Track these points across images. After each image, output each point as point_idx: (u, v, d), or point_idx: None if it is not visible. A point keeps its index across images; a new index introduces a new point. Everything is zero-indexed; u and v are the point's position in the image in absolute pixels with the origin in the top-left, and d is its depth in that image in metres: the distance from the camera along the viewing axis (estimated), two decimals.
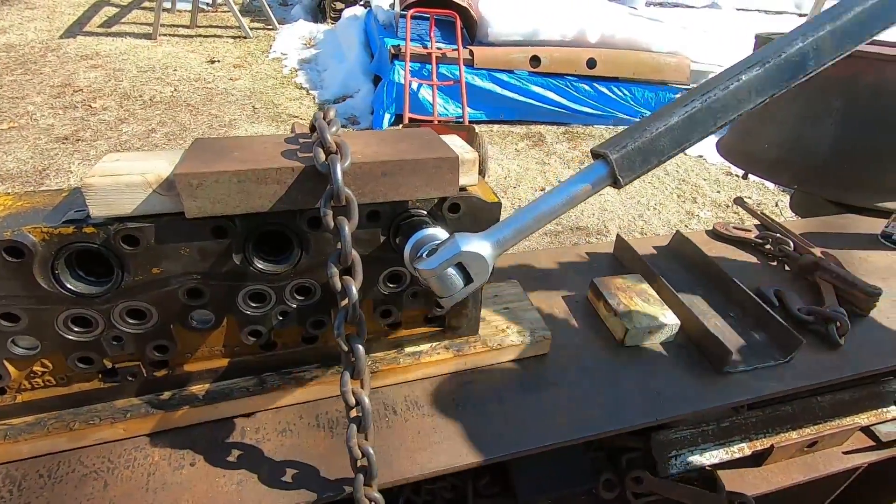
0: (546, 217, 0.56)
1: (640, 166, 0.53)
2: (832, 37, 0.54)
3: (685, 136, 0.52)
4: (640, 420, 0.78)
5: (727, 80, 0.53)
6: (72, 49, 5.81)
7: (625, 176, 0.53)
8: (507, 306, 0.90)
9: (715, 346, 0.86)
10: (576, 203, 0.56)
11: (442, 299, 0.56)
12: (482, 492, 1.06)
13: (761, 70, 0.53)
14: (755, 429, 1.11)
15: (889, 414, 1.21)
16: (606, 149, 0.52)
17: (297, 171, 0.57)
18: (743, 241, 1.22)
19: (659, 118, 0.53)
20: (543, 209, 0.55)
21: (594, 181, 0.54)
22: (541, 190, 3.91)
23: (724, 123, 0.54)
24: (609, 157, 0.52)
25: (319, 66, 6.01)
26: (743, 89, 0.53)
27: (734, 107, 0.53)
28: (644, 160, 0.52)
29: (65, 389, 0.65)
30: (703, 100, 0.53)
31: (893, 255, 1.23)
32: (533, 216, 0.55)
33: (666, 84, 5.28)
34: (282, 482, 0.65)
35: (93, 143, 3.95)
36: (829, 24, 0.54)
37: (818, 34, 0.54)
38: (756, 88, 0.54)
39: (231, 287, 0.64)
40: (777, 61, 0.53)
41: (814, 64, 0.54)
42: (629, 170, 0.52)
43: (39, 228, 0.54)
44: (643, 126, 0.53)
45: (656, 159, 0.53)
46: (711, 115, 0.52)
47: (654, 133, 0.52)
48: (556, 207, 0.55)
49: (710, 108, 0.52)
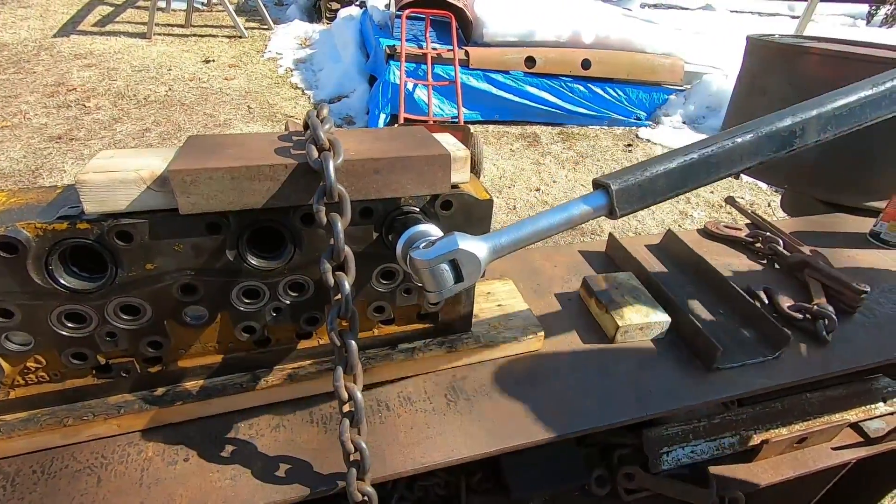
0: (543, 233, 0.57)
1: (636, 202, 0.56)
2: (817, 122, 0.60)
3: (681, 183, 0.56)
4: (630, 415, 0.78)
5: (724, 139, 0.58)
6: (65, 48, 5.78)
7: (621, 208, 0.56)
8: (500, 303, 0.91)
9: (704, 342, 0.88)
10: (572, 225, 0.58)
11: (430, 293, 0.56)
12: (475, 488, 1.07)
13: (753, 137, 0.58)
14: (745, 425, 1.13)
15: (877, 410, 1.23)
16: (609, 180, 0.55)
17: (290, 167, 0.57)
18: (734, 240, 1.23)
19: (660, 161, 0.56)
20: (541, 225, 0.57)
21: (593, 208, 0.57)
22: (536, 190, 3.92)
23: (715, 178, 0.58)
24: (610, 189, 0.55)
25: (315, 66, 6.01)
26: (736, 151, 0.58)
27: (727, 165, 0.58)
28: (641, 197, 0.55)
29: (58, 385, 0.66)
30: (700, 153, 0.57)
31: (881, 253, 1.25)
32: (531, 230, 0.57)
33: (660, 85, 5.32)
34: (275, 477, 0.65)
35: (87, 142, 3.93)
36: (815, 110, 0.60)
37: (805, 117, 0.59)
38: (747, 153, 0.58)
39: (225, 283, 0.64)
40: (768, 133, 0.58)
41: (798, 142, 0.60)
42: (626, 203, 0.55)
43: (34, 224, 0.54)
44: (645, 166, 0.56)
45: (652, 199, 0.56)
46: (706, 168, 0.56)
47: (654, 174, 0.55)
48: (553, 225, 0.57)
49: (706, 161, 0.56)
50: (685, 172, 0.56)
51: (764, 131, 0.58)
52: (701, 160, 0.56)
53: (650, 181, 0.55)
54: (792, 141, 0.59)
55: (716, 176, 0.57)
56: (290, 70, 5.94)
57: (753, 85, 1.65)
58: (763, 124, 0.58)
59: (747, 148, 0.57)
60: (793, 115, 0.59)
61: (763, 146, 0.58)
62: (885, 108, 0.62)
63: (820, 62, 1.41)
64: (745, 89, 1.69)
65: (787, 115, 0.60)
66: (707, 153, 0.56)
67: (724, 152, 0.57)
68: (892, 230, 1.27)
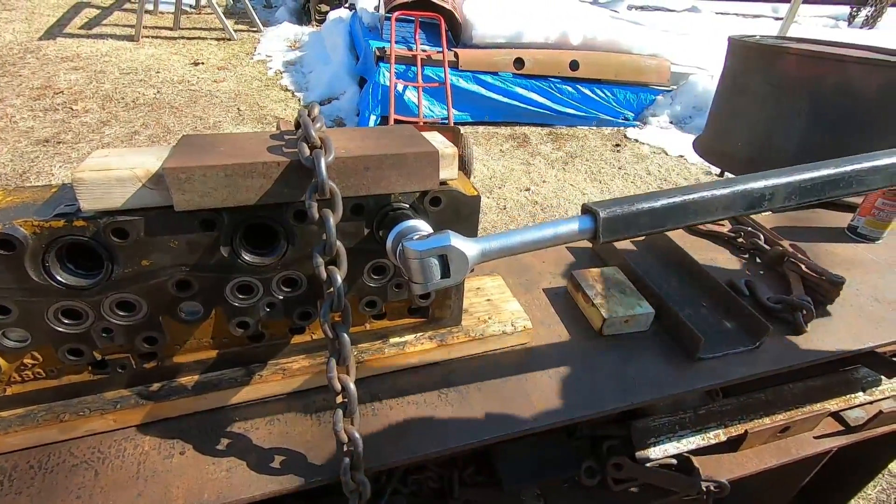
0: (530, 245, 0.60)
1: (619, 232, 0.60)
2: (785, 190, 0.65)
3: (662, 222, 0.60)
4: (616, 404, 0.81)
5: (705, 190, 0.62)
6: (52, 51, 5.72)
7: (605, 235, 0.59)
8: (489, 298, 0.93)
9: (688, 334, 0.90)
10: (558, 243, 0.61)
11: (416, 285, 0.58)
12: (467, 481, 1.09)
13: (729, 193, 0.63)
14: (730, 416, 1.16)
15: (857, 400, 1.27)
16: (598, 208, 0.59)
17: (282, 165, 0.59)
18: (716, 235, 1.27)
19: (648, 199, 0.60)
20: (530, 237, 0.60)
21: (580, 230, 0.60)
22: (526, 190, 3.95)
23: (692, 223, 0.63)
24: (598, 216, 0.58)
25: (304, 68, 6.00)
26: (712, 203, 0.63)
27: (703, 213, 0.62)
28: (625, 228, 0.59)
29: (55, 381, 0.67)
30: (682, 199, 0.61)
31: (858, 247, 1.29)
32: (519, 240, 0.60)
33: (647, 86, 5.38)
34: (270, 468, 0.67)
35: (74, 145, 3.90)
36: (785, 178, 0.65)
37: (776, 183, 0.64)
38: (722, 205, 0.63)
39: (219, 279, 0.66)
40: (742, 191, 0.63)
41: (767, 204, 0.65)
42: (610, 232, 0.59)
43: (30, 222, 0.55)
44: (634, 201, 0.60)
45: (633, 232, 0.60)
46: (685, 212, 0.61)
47: (639, 210, 0.59)
48: (541, 239, 0.60)
49: (685, 206, 0.60)
50: (666, 213, 0.60)
51: (739, 190, 0.63)
52: (681, 205, 0.60)
53: (635, 215, 0.59)
54: (761, 203, 0.64)
55: (693, 220, 0.62)
56: (280, 72, 5.93)
57: (735, 84, 1.69)
58: (739, 183, 0.63)
59: (722, 202, 0.62)
60: (766, 179, 0.65)
61: (736, 203, 0.63)
62: (842, 189, 0.68)
63: (797, 62, 1.45)
64: (728, 89, 1.74)
65: (761, 179, 0.65)
66: (688, 199, 0.60)
67: (703, 201, 0.61)
68: (869, 225, 1.31)
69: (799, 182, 0.65)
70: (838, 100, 1.42)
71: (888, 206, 1.27)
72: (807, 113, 1.47)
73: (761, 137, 1.60)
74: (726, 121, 1.76)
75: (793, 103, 1.49)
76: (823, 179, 0.66)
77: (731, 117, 1.74)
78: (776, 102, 1.54)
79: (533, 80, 4.93)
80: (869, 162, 0.69)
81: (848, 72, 1.36)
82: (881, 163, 0.69)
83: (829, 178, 0.67)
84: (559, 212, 3.69)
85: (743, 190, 0.62)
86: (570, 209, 3.74)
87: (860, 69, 1.38)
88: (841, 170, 0.68)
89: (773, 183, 0.65)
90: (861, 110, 1.41)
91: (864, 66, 1.38)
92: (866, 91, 1.39)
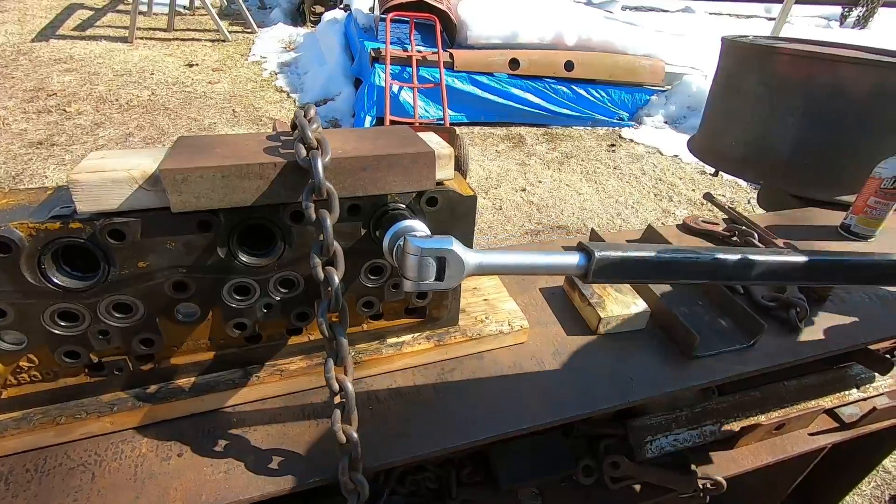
0: (523, 269, 0.62)
1: (610, 275, 0.62)
2: (759, 269, 0.68)
3: (648, 274, 0.63)
4: (612, 403, 0.81)
5: (687, 253, 0.65)
6: (44, 52, 5.69)
7: (595, 276, 0.61)
8: (486, 298, 0.94)
9: (683, 332, 0.91)
10: (550, 272, 0.63)
11: (408, 281, 0.58)
12: (465, 481, 1.09)
13: (699, 261, 0.66)
14: (726, 413, 1.16)
15: (851, 396, 1.28)
16: (594, 248, 0.60)
17: (279, 166, 0.59)
18: (711, 234, 1.28)
19: (642, 249, 0.63)
20: (525, 261, 0.61)
21: (573, 265, 0.62)
22: (522, 190, 3.96)
23: (674, 281, 0.65)
24: (593, 257, 0.60)
25: (300, 70, 6.00)
26: (692, 265, 0.65)
27: (683, 274, 0.65)
28: (615, 273, 0.61)
29: (51, 384, 0.66)
30: (671, 256, 0.64)
31: (851, 245, 1.30)
32: (515, 261, 0.61)
33: (642, 86, 5.41)
34: (268, 469, 0.67)
35: (68, 147, 3.88)
36: (764, 257, 0.68)
37: (731, 259, 0.67)
38: (703, 271, 0.66)
39: (216, 280, 0.66)
40: (723, 261, 0.66)
41: (743, 280, 0.69)
42: (600, 274, 0.61)
43: (26, 224, 0.55)
44: (630, 248, 0.63)
45: (621, 278, 0.63)
46: (669, 269, 0.64)
47: (632, 258, 0.61)
48: (534, 265, 0.61)
49: (668, 263, 0.63)
50: (653, 266, 0.62)
51: (720, 259, 0.66)
52: (666, 261, 0.63)
53: (626, 262, 0.61)
54: (740, 276, 0.67)
55: (674, 279, 0.65)
56: (275, 73, 5.92)
57: (729, 85, 1.70)
58: (710, 257, 0.66)
59: (704, 268, 0.65)
60: (742, 255, 0.68)
61: (717, 271, 0.65)
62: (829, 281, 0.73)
63: (790, 62, 1.46)
64: (722, 89, 1.75)
65: (739, 254, 0.68)
66: (676, 258, 0.63)
67: (685, 262, 0.64)
68: (862, 223, 1.32)
69: (777, 265, 0.68)
70: (831, 99, 1.44)
71: (880, 205, 1.28)
72: (800, 112, 1.48)
73: (755, 137, 1.61)
74: (720, 120, 1.77)
75: (786, 103, 1.50)
76: (813, 266, 0.69)
77: (724, 117, 1.75)
78: (770, 102, 1.55)
79: (528, 81, 4.94)
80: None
81: (840, 72, 1.37)
82: None
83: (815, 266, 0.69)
84: (555, 212, 3.71)
85: (724, 260, 0.65)
86: (566, 209, 3.75)
87: (853, 69, 1.39)
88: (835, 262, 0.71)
89: (750, 259, 0.67)
90: (853, 110, 1.43)
91: (856, 66, 1.39)
92: (859, 91, 1.40)
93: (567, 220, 3.62)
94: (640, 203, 3.94)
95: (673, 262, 0.63)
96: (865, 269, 0.72)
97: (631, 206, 3.90)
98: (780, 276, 0.68)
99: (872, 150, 1.37)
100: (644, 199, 4.02)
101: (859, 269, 0.72)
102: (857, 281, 0.74)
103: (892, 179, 1.24)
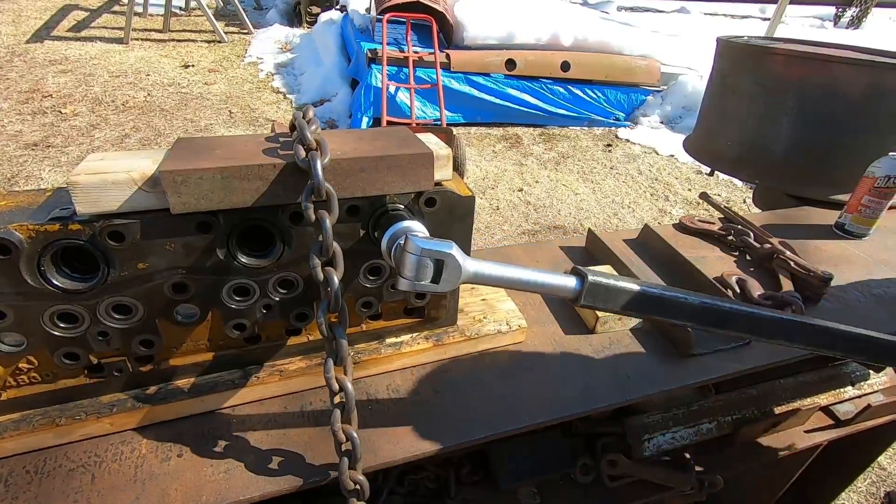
0: (518, 283, 0.62)
1: (600, 302, 0.63)
2: (747, 319, 0.69)
3: (637, 307, 0.64)
4: (609, 401, 0.82)
5: (676, 293, 0.66)
6: (39, 54, 5.67)
7: (586, 301, 0.62)
8: (484, 298, 0.94)
9: (680, 331, 0.92)
10: (544, 291, 0.64)
11: (404, 279, 0.58)
12: (464, 480, 1.10)
13: (698, 304, 0.66)
14: (722, 411, 1.17)
15: (846, 394, 1.29)
16: (588, 273, 0.62)
17: (278, 167, 0.59)
18: (707, 233, 1.28)
19: (636, 283, 0.64)
20: (523, 276, 0.62)
21: (566, 287, 0.63)
22: (519, 191, 3.97)
23: (660, 318, 0.66)
24: (586, 281, 0.61)
25: (296, 70, 5.99)
26: (678, 306, 0.66)
27: (671, 313, 0.65)
28: (604, 300, 0.63)
29: (50, 386, 0.66)
30: (660, 294, 0.65)
31: (845, 243, 1.32)
32: (511, 274, 0.62)
33: (638, 86, 5.43)
34: (269, 469, 0.67)
35: (64, 149, 3.87)
36: (746, 309, 0.69)
37: (718, 306, 0.67)
38: (688, 313, 0.66)
39: (215, 281, 0.66)
40: (709, 307, 0.66)
41: (725, 328, 0.68)
42: (591, 298, 0.62)
43: (26, 226, 0.55)
44: (624, 280, 0.64)
45: (612, 306, 0.63)
46: (657, 305, 0.65)
47: (624, 290, 0.63)
48: (530, 282, 0.62)
49: (658, 299, 0.64)
50: (642, 301, 0.64)
51: (708, 304, 0.66)
52: (655, 297, 0.64)
53: (618, 292, 0.62)
54: (723, 324, 0.67)
55: (661, 316, 0.66)
56: (272, 74, 5.91)
57: (725, 85, 1.71)
58: (698, 301, 0.66)
59: (689, 310, 0.66)
60: (731, 304, 0.68)
61: (703, 316, 0.66)
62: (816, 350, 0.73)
63: (785, 62, 1.48)
64: (717, 89, 1.76)
65: (727, 304, 0.68)
66: (663, 295, 0.64)
67: (674, 303, 0.65)
68: (856, 221, 1.33)
69: (764, 321, 0.69)
70: (825, 99, 1.45)
71: (874, 203, 1.29)
72: (794, 112, 1.49)
73: (750, 137, 1.62)
74: (716, 120, 1.78)
75: (781, 103, 1.51)
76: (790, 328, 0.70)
77: (720, 117, 1.76)
78: (764, 102, 1.56)
79: (524, 81, 4.95)
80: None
81: (834, 72, 1.39)
82: None
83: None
84: (552, 212, 3.72)
85: (711, 305, 0.66)
86: (563, 209, 3.76)
87: (846, 69, 1.40)
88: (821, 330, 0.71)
89: (733, 309, 0.68)
90: (847, 110, 1.44)
91: (850, 67, 1.40)
92: (853, 91, 1.42)
93: (564, 221, 3.63)
94: (636, 203, 3.96)
95: (653, 297, 0.64)
96: (858, 341, 0.73)
97: (627, 205, 3.91)
98: (763, 334, 0.69)
99: (866, 149, 1.38)
100: (640, 198, 4.03)
101: (853, 341, 0.73)
102: (839, 350, 0.74)
103: (885, 179, 1.25)
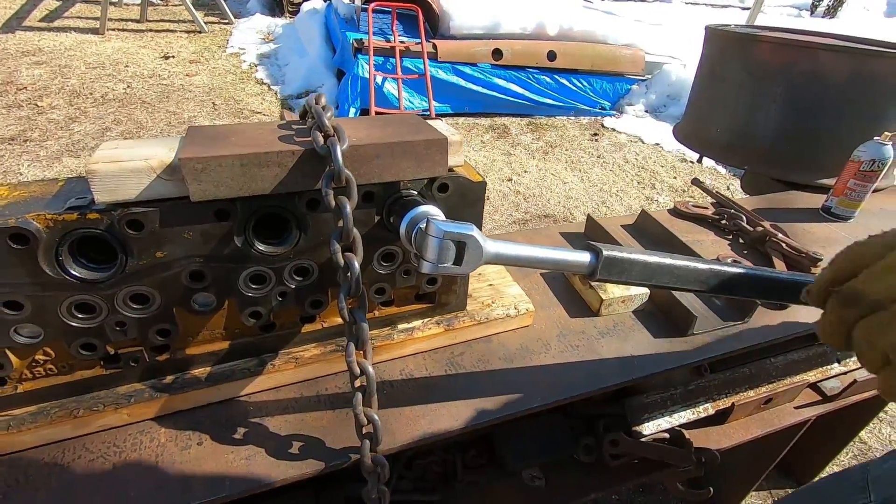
0: (536, 262, 0.64)
1: (615, 274, 0.66)
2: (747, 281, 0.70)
3: (650, 275, 0.67)
4: (616, 380, 0.84)
5: (686, 261, 0.68)
6: (11, 45, 5.48)
7: (601, 274, 0.65)
8: (491, 283, 0.96)
9: (681, 311, 0.95)
10: (560, 268, 0.66)
11: (426, 262, 0.59)
12: (470, 464, 1.12)
13: (706, 269, 0.68)
14: (717, 390, 1.21)
15: (832, 371, 1.34)
16: (603, 248, 0.65)
17: (297, 154, 0.60)
18: (701, 218, 1.32)
19: (646, 254, 0.67)
20: (539, 255, 0.64)
21: (582, 263, 0.65)
22: (508, 180, 3.99)
23: (671, 287, 0.69)
24: (601, 255, 0.64)
25: (280, 61, 5.89)
26: (691, 273, 0.68)
27: (682, 279, 0.68)
28: (619, 272, 0.66)
29: (67, 377, 0.66)
30: (670, 262, 0.68)
31: (832, 226, 1.36)
32: (529, 253, 0.64)
33: (622, 75, 5.47)
34: (289, 454, 0.68)
35: (42, 143, 3.76)
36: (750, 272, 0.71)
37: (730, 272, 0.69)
38: (697, 279, 0.69)
39: (232, 269, 0.66)
40: (715, 272, 0.68)
41: (731, 291, 0.70)
42: (606, 272, 0.65)
43: (43, 215, 0.55)
44: (635, 252, 0.66)
45: (625, 277, 0.66)
46: (669, 273, 0.67)
47: (635, 260, 0.66)
48: (546, 260, 0.64)
49: (669, 267, 0.67)
50: (651, 270, 0.67)
51: (714, 269, 0.69)
52: (667, 266, 0.67)
53: (630, 263, 0.65)
54: (730, 289, 0.70)
55: (673, 285, 0.69)
56: (255, 65, 5.81)
57: (713, 72, 1.74)
58: (715, 265, 0.69)
59: (698, 275, 0.68)
60: (737, 268, 0.70)
61: (709, 279, 0.69)
62: None
63: (771, 49, 1.51)
64: (706, 76, 1.79)
65: (733, 268, 0.70)
66: (674, 263, 0.67)
67: (683, 268, 0.68)
68: (842, 205, 1.38)
69: (771, 282, 0.71)
70: (810, 86, 1.49)
71: (859, 187, 1.34)
72: (782, 99, 1.53)
73: (739, 123, 1.66)
74: (705, 108, 1.81)
75: (768, 90, 1.55)
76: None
77: (709, 104, 1.79)
78: (752, 89, 1.59)
79: (511, 71, 4.95)
80: None
81: (819, 58, 1.42)
82: None
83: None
84: (541, 201, 3.74)
85: (717, 271, 0.69)
86: (552, 198, 3.79)
87: (831, 56, 1.44)
88: None
89: (738, 272, 0.71)
90: (832, 96, 1.48)
91: (834, 54, 1.44)
92: (837, 77, 1.46)
93: (553, 209, 3.66)
94: (623, 191, 4.01)
95: (664, 266, 0.67)
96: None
97: (615, 193, 3.96)
98: (768, 294, 0.71)
99: (851, 134, 1.42)
100: (628, 186, 4.08)
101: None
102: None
103: (870, 162, 1.30)
